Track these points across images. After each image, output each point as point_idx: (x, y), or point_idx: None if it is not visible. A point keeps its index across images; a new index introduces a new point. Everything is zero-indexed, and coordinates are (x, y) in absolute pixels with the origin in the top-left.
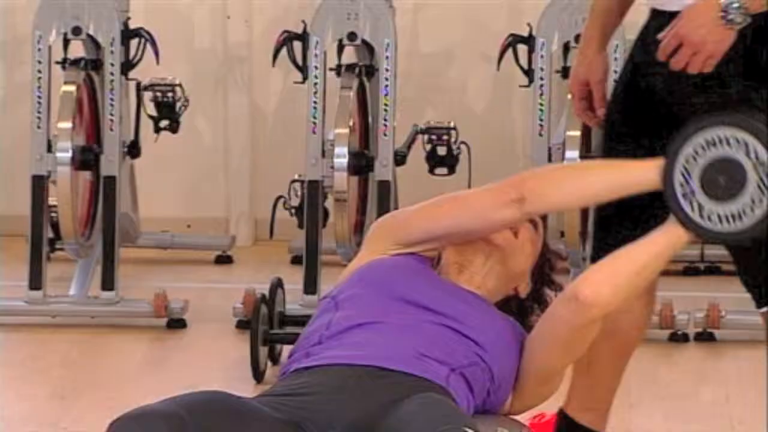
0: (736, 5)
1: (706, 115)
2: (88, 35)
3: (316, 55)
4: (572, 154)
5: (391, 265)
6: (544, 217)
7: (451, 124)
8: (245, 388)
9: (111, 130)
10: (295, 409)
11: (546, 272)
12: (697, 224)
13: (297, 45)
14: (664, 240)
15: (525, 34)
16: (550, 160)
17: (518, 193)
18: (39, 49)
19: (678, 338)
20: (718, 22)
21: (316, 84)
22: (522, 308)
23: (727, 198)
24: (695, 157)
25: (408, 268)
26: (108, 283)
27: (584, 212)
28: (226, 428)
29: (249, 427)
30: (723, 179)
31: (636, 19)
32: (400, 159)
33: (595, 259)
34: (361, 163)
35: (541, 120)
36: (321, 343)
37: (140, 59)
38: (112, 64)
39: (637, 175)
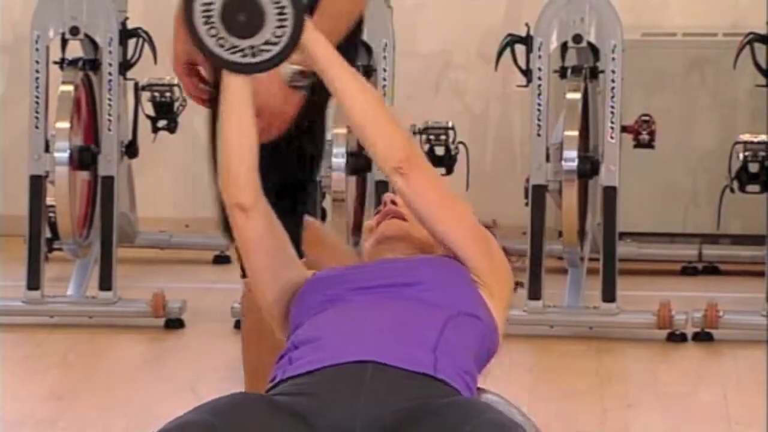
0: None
1: None
2: (86, 35)
3: None
4: (570, 154)
5: (315, 282)
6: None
7: (449, 124)
8: (242, 388)
9: (109, 130)
10: (310, 411)
11: None
12: (226, 60)
13: None
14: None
15: (523, 34)
16: (548, 159)
17: (230, 208)
18: (37, 49)
19: (676, 338)
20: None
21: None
22: None
23: (250, 33)
24: (208, 14)
25: (332, 273)
26: (106, 283)
27: (582, 212)
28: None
29: (278, 428)
30: (242, 16)
31: (636, 19)
32: None
33: None
34: (359, 163)
35: (539, 120)
36: (296, 348)
37: (138, 59)
38: (110, 64)
39: (227, 91)
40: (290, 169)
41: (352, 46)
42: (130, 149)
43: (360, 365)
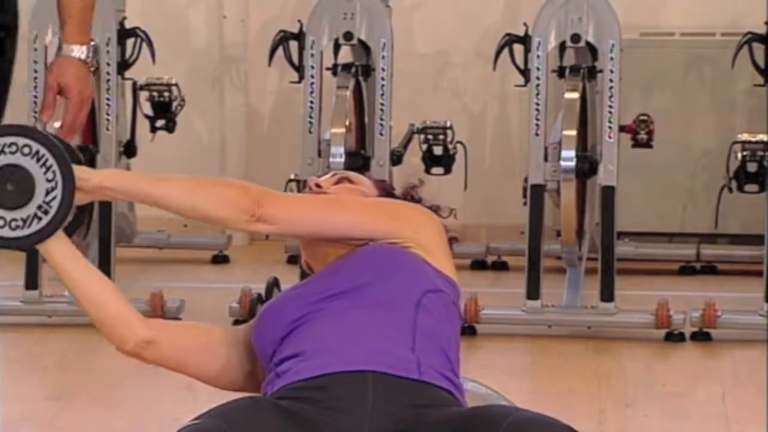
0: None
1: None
2: None
3: (312, 55)
4: (568, 153)
5: (267, 312)
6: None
7: (448, 124)
8: None
9: (107, 129)
10: (319, 416)
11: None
12: (13, 238)
13: (293, 44)
14: None
15: (521, 33)
16: (546, 159)
17: (135, 353)
18: (35, 49)
19: (674, 338)
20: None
21: (312, 84)
22: None
23: (18, 204)
24: None
25: (284, 297)
26: None
27: (581, 211)
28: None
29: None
30: (11, 185)
31: (634, 19)
32: (396, 158)
33: None
34: (357, 163)
35: (537, 119)
36: (279, 364)
37: (136, 59)
38: (109, 64)
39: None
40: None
41: None
42: (129, 149)
43: (359, 374)
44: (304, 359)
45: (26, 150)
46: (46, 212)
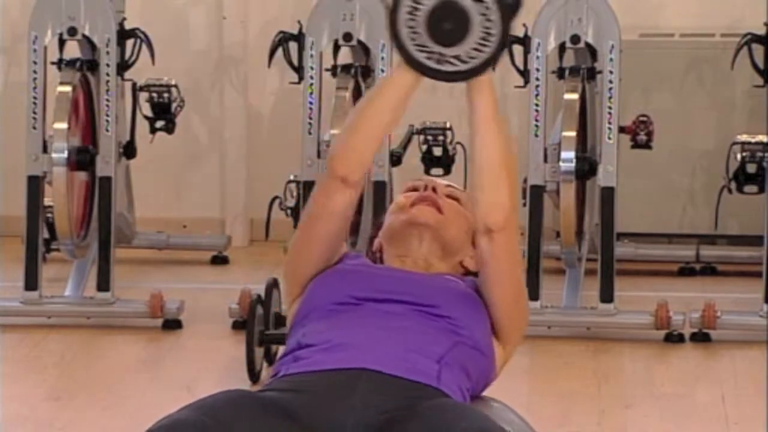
0: None
1: None
2: (84, 36)
3: (311, 56)
4: (568, 154)
5: (335, 276)
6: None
7: (447, 125)
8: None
9: (107, 130)
10: (302, 409)
11: None
12: (460, 71)
13: (293, 45)
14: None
15: (520, 34)
16: (546, 160)
17: (335, 173)
18: (34, 50)
19: (674, 338)
20: None
21: (311, 84)
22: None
23: (454, 41)
24: (413, 20)
25: (353, 272)
26: (104, 284)
27: (580, 212)
28: (248, 428)
29: (268, 427)
30: (448, 24)
31: (633, 20)
32: (396, 159)
33: None
34: None
35: (537, 120)
36: (304, 348)
37: (136, 60)
38: (108, 65)
39: (394, 82)
40: None
41: None
42: (128, 150)
43: (359, 371)
44: (322, 350)
45: None
46: (487, 39)
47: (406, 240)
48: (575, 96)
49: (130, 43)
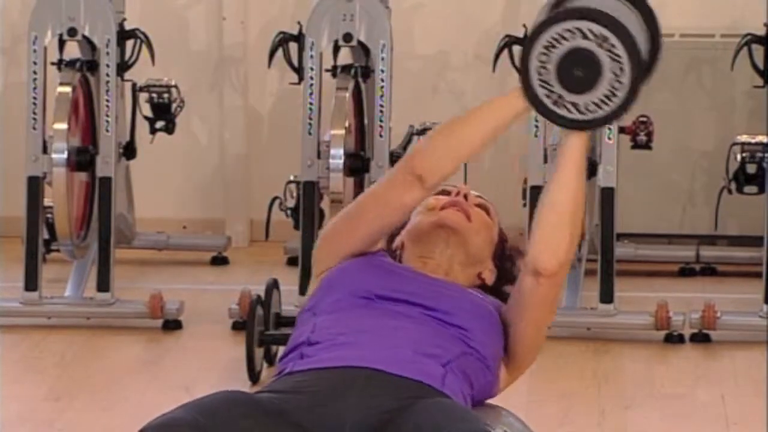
0: None
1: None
2: (84, 36)
3: (311, 56)
4: None
5: (359, 266)
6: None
7: None
8: (240, 389)
9: (107, 131)
10: (299, 409)
11: (507, 255)
12: (570, 120)
13: (293, 46)
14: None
15: (521, 35)
16: (546, 161)
17: (413, 171)
18: (34, 50)
19: (674, 339)
20: None
21: (311, 85)
22: (493, 293)
23: (584, 89)
24: (546, 55)
25: (376, 267)
26: (103, 284)
27: None
28: (242, 429)
29: (264, 427)
30: (579, 71)
31: None
32: (395, 160)
33: None
34: (356, 164)
35: (537, 121)
36: (311, 344)
37: (136, 60)
38: (108, 65)
39: (504, 104)
40: None
41: None
42: (128, 150)
43: (362, 370)
44: (328, 347)
45: (591, 34)
46: (610, 98)
47: (432, 242)
48: None
49: (130, 43)
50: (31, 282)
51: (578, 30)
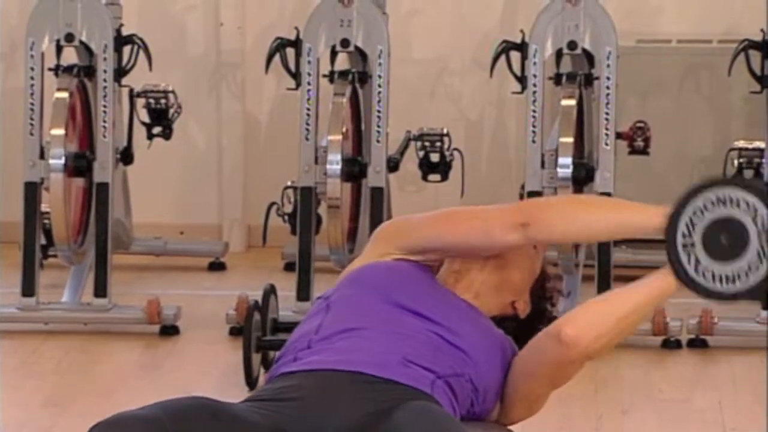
0: None
1: (721, 176)
2: (81, 42)
3: (309, 62)
4: (565, 160)
5: (389, 269)
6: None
7: (444, 131)
8: (238, 395)
9: (104, 136)
10: (281, 414)
11: (546, 294)
12: (690, 278)
13: (290, 51)
14: (655, 287)
15: (518, 40)
16: (543, 166)
17: (525, 218)
18: (32, 56)
19: (671, 345)
20: None
21: (309, 90)
22: (520, 329)
23: (725, 258)
24: (702, 211)
25: (406, 273)
26: (101, 290)
27: None
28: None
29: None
30: (725, 239)
31: (630, 26)
32: (393, 165)
33: None
34: (354, 170)
35: (534, 126)
36: (310, 347)
37: (133, 66)
38: (105, 71)
39: (642, 219)
40: None
41: None
42: (125, 156)
43: (347, 374)
44: (319, 351)
45: (744, 204)
46: (735, 279)
47: (469, 261)
48: (572, 102)
49: (127, 49)
50: (29, 288)
51: (747, 205)
